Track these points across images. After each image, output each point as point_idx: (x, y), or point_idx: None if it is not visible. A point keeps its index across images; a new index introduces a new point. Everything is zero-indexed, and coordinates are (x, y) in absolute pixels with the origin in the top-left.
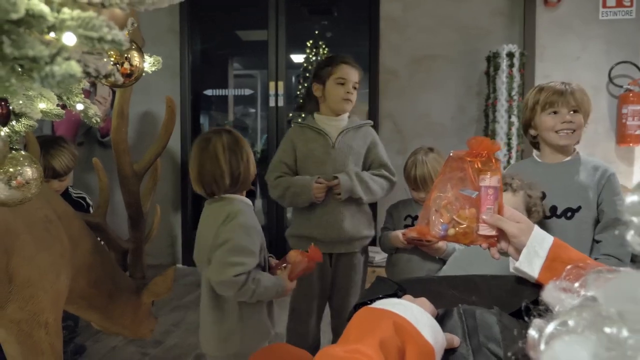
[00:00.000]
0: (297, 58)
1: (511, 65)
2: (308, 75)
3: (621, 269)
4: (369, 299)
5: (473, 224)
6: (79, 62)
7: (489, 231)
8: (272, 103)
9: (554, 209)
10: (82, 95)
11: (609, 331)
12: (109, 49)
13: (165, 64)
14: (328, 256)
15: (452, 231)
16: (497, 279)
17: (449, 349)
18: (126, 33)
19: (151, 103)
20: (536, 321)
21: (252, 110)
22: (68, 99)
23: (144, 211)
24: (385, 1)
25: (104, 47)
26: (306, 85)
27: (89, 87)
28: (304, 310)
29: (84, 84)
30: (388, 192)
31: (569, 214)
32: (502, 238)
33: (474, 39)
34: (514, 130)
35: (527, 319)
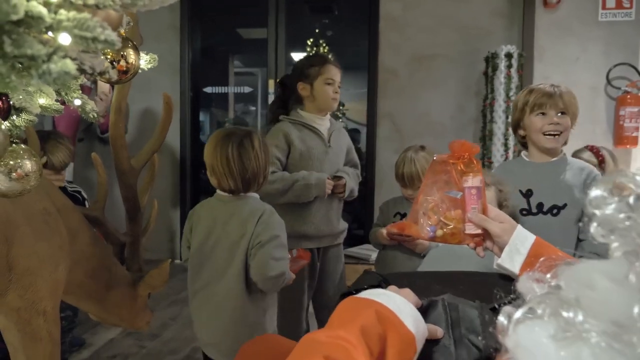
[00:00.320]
0: (297, 56)
1: (509, 66)
2: None
3: (584, 259)
4: (354, 289)
5: (460, 225)
6: (75, 60)
7: (475, 229)
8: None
9: (540, 205)
10: (80, 91)
11: (566, 315)
12: (103, 48)
13: (165, 61)
14: (316, 250)
15: (440, 232)
16: (480, 275)
17: (432, 340)
18: (122, 32)
19: (151, 100)
20: (506, 308)
21: (252, 108)
22: (66, 94)
23: (141, 205)
24: (386, 0)
25: (97, 46)
26: (279, 82)
27: (90, 84)
28: (296, 306)
29: (81, 80)
30: None
31: (555, 210)
32: (488, 237)
33: (473, 39)
34: (511, 130)
35: (498, 306)
